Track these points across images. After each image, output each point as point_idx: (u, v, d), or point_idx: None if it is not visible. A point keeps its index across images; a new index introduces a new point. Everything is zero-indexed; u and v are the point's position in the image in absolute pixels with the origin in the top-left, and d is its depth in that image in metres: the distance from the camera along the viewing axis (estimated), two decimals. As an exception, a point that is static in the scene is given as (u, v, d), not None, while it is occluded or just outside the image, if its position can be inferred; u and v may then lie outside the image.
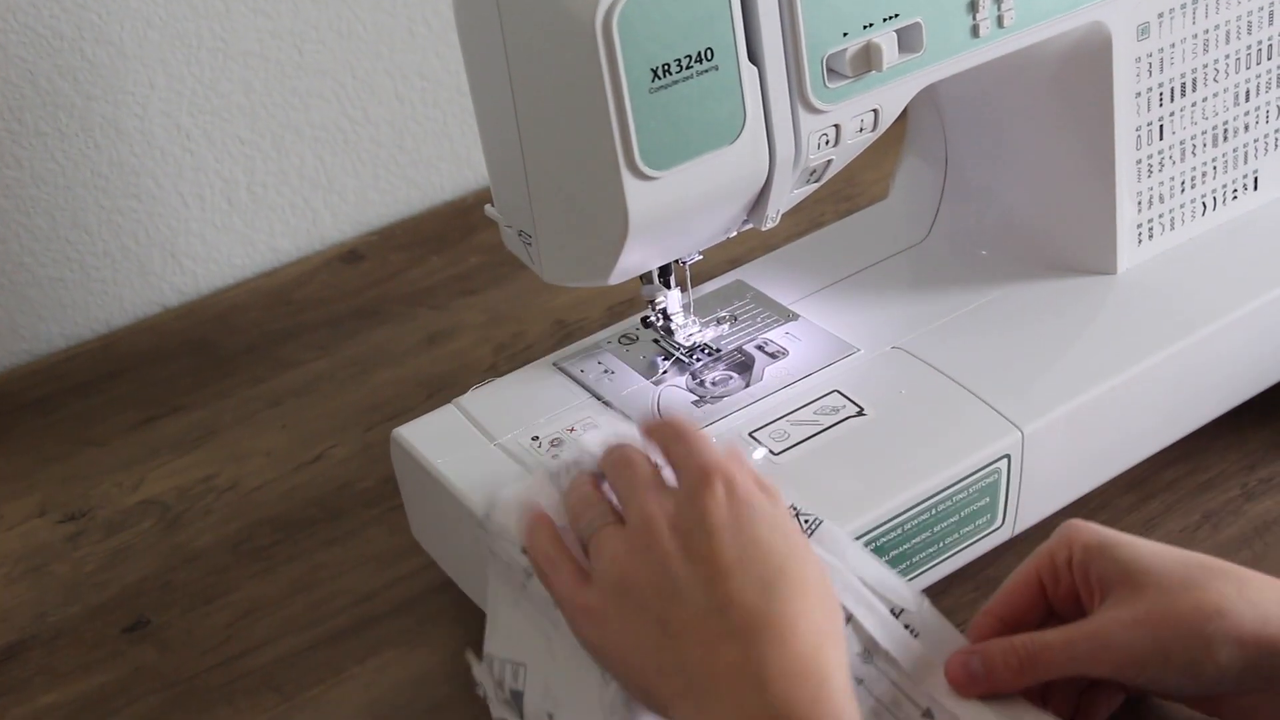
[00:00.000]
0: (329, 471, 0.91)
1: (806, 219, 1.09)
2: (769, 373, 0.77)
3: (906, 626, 0.64)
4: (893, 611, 0.64)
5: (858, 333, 0.80)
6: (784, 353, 0.79)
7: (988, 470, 0.71)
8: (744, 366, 0.78)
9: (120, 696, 0.76)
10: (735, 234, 0.73)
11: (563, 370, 0.79)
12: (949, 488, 0.70)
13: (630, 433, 0.66)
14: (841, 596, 0.62)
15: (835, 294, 0.84)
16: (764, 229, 0.72)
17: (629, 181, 0.64)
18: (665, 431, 0.64)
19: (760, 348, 0.79)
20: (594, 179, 0.65)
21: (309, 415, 0.96)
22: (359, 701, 0.74)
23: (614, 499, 0.63)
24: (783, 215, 0.71)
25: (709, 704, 0.55)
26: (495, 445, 0.74)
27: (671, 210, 0.66)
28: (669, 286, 0.76)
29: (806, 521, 0.65)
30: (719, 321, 0.81)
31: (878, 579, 0.65)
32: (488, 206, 0.74)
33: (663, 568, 0.58)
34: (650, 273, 0.75)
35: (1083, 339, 0.77)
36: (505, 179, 0.70)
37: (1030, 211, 0.84)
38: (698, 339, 0.78)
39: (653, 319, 0.78)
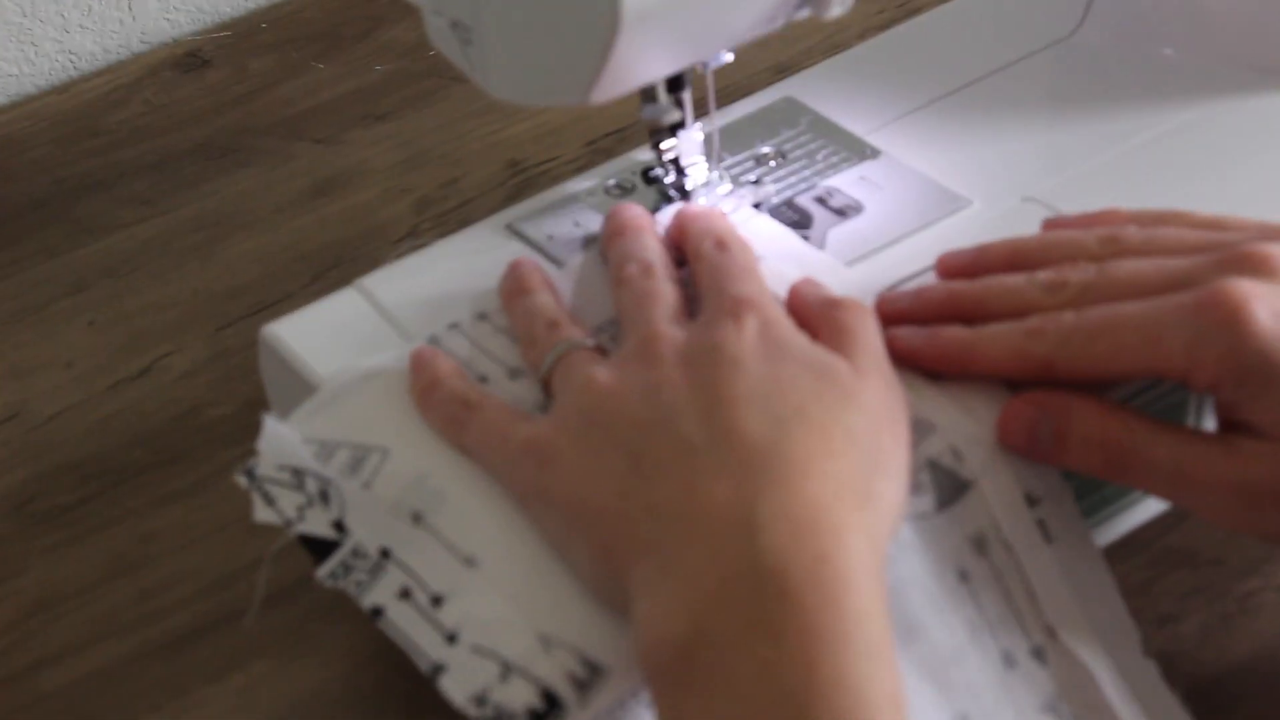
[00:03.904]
0: (163, 392, 0.91)
1: (891, 3, 1.09)
2: (834, 237, 0.77)
3: (1040, 523, 0.66)
4: (1028, 498, 0.66)
5: (969, 177, 0.80)
6: (857, 207, 0.79)
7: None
8: (798, 227, 0.78)
9: None
10: (783, 24, 0.72)
11: (520, 235, 0.79)
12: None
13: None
14: (969, 453, 0.66)
15: (934, 119, 0.84)
16: (828, 17, 0.72)
17: (622, -59, 0.63)
18: (705, 238, 0.71)
19: (822, 200, 0.79)
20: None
21: (130, 306, 0.96)
22: (213, 739, 0.75)
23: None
24: (859, -4, 0.71)
25: (679, 555, 0.59)
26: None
27: (686, -15, 0.65)
28: (681, 107, 0.76)
29: None
30: (759, 161, 0.81)
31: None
32: (404, -16, 0.73)
33: (651, 394, 0.64)
34: (654, 87, 0.75)
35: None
36: (430, -61, 0.70)
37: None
38: (726, 201, 0.78)
39: (659, 173, 0.78)
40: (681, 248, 0.73)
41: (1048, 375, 0.66)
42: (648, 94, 0.75)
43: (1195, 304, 0.63)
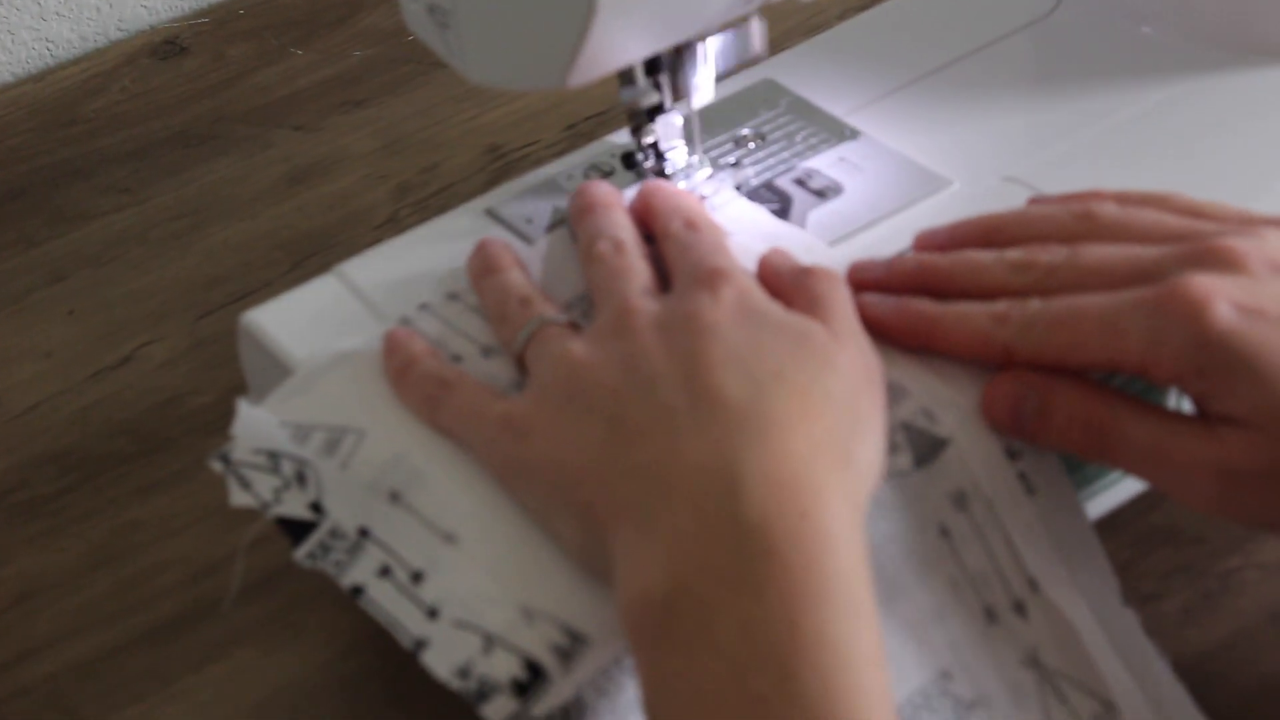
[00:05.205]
0: (143, 381, 0.91)
1: (869, -15, 1.08)
2: (814, 218, 0.77)
3: (1022, 477, 0.66)
4: (1009, 451, 0.66)
5: (949, 157, 0.80)
6: (837, 189, 0.78)
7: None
8: (778, 209, 0.77)
9: None
10: (758, 6, 0.72)
11: (500, 219, 0.79)
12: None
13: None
14: (942, 414, 0.66)
15: (913, 100, 0.84)
16: (806, -2, 0.72)
17: (597, -76, 0.63)
18: (674, 217, 0.71)
19: (801, 182, 0.79)
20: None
21: (109, 296, 0.96)
22: (196, 728, 0.75)
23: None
24: (836, -25, 0.71)
25: (660, 515, 0.59)
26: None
27: (664, -32, 0.65)
28: (659, 89, 0.76)
29: None
30: (738, 144, 0.81)
31: None
32: (380, -31, 0.73)
33: (628, 364, 0.64)
34: (632, 70, 0.75)
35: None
36: (405, -77, 0.70)
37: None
38: (706, 185, 0.78)
39: (640, 159, 0.78)
40: (648, 224, 0.72)
41: (1008, 360, 0.66)
42: (626, 77, 0.75)
43: (1155, 299, 0.63)
